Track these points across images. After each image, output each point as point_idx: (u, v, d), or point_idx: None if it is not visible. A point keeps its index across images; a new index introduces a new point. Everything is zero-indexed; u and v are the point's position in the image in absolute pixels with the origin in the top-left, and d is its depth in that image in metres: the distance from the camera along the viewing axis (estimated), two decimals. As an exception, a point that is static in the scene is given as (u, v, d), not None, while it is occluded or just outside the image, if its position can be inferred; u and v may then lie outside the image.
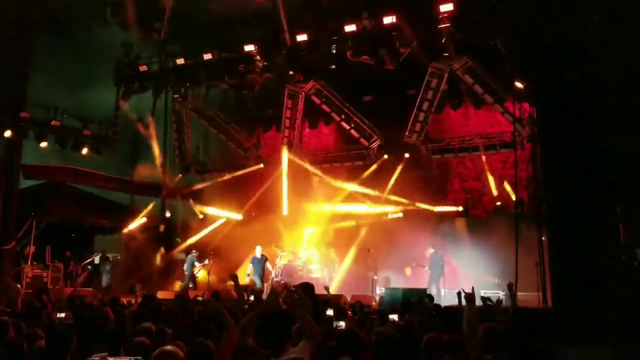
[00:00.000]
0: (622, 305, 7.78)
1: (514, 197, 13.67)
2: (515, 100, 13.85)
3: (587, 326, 7.78)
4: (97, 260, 17.95)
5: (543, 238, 12.20)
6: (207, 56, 15.99)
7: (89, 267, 17.62)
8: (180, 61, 16.59)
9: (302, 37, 14.73)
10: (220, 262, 16.00)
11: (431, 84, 14.75)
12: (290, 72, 15.90)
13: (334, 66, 15.32)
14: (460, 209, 15.14)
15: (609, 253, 9.65)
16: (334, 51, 14.65)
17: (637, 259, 9.79)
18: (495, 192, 15.26)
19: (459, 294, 6.22)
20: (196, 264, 16.20)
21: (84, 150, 16.63)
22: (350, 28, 14.02)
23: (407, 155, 15.95)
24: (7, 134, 13.91)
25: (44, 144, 15.37)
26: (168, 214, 18.54)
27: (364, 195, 16.25)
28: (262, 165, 17.88)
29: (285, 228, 16.90)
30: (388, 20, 13.57)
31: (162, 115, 18.87)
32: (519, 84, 12.65)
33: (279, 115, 17.44)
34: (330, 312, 7.06)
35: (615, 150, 9.92)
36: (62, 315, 7.36)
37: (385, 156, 16.39)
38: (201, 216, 18.24)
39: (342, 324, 5.63)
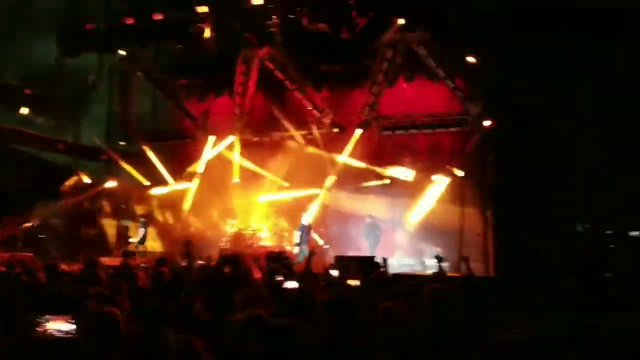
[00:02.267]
0: (559, 273, 8.11)
1: (462, 173, 13.95)
2: (467, 76, 14.06)
3: (527, 293, 8.07)
4: (36, 225, 17.28)
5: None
6: (158, 16, 15.37)
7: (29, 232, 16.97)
8: (129, 20, 15.90)
9: (257, 1, 14.36)
10: (168, 230, 15.76)
11: (386, 55, 14.71)
12: (245, 36, 15.49)
13: (289, 32, 15.05)
14: (410, 178, 15.25)
15: (550, 225, 10.05)
16: (291, 16, 14.38)
17: (575, 231, 10.24)
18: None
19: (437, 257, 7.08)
20: (140, 230, 15.84)
21: (24, 111, 15.84)
22: (307, -6, 13.79)
23: (359, 130, 15.86)
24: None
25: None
26: (114, 183, 17.94)
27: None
28: (210, 138, 17.38)
29: (236, 196, 16.72)
30: (345, -12, 13.42)
31: (108, 77, 18.16)
32: (471, 59, 12.80)
33: (231, 80, 17.01)
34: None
35: (561, 129, 10.26)
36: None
37: (336, 130, 16.32)
38: (147, 183, 17.78)
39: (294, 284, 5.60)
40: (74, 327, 2.72)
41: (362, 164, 15.64)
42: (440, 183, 14.63)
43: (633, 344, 3.61)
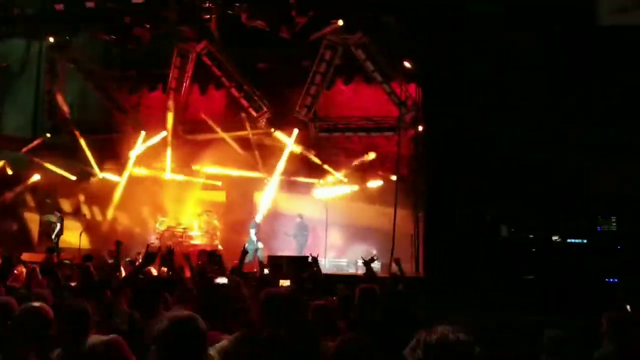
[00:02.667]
0: (487, 274, 8.43)
1: (394, 177, 14.22)
2: (403, 81, 14.37)
3: (455, 292, 8.34)
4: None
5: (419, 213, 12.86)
6: (90, 4, 14.76)
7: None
8: (59, 7, 15.18)
9: (195, -6, 14.12)
10: (96, 226, 15.24)
11: (325, 56, 14.81)
12: (181, 29, 15.16)
13: (227, 28, 14.86)
14: (345, 179, 15.41)
15: (478, 228, 10.42)
16: (230, 12, 14.19)
17: (500, 234, 10.66)
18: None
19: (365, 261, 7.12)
20: (54, 225, 15.19)
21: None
22: (246, -10, 13.66)
23: (296, 131, 15.82)
24: None
25: None
26: (38, 176, 17.10)
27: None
28: (142, 133, 16.83)
29: (168, 193, 16.34)
30: (285, -13, 13.39)
31: (36, 65, 17.33)
32: (407, 64, 13.09)
33: (166, 74, 16.59)
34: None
35: (490, 134, 10.67)
36: None
37: (273, 130, 16.26)
38: (74, 178, 17.08)
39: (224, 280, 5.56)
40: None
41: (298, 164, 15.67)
42: (374, 185, 14.90)
43: (533, 343, 3.79)
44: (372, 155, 15.27)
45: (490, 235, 10.79)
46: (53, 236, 15.09)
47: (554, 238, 10.02)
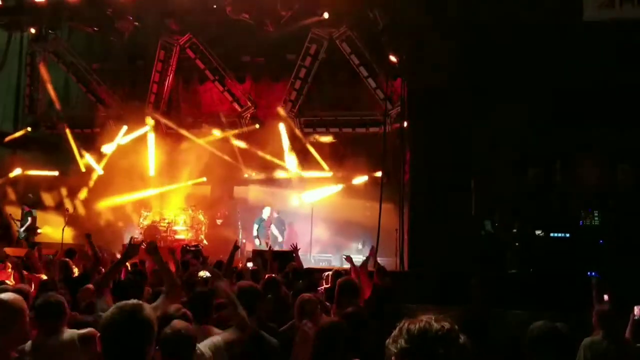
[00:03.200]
0: (472, 269, 8.46)
1: (379, 172, 14.21)
2: (388, 76, 14.33)
3: (438, 287, 8.38)
4: None
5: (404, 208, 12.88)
6: (72, -5, 14.54)
7: None
8: (40, -1, 14.92)
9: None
10: (79, 221, 15.12)
11: (310, 50, 14.75)
12: (165, 22, 14.99)
13: (212, 21, 14.74)
14: (329, 174, 15.38)
15: (462, 223, 10.46)
16: (214, 5, 14.07)
17: (484, 229, 10.72)
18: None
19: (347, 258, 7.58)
20: (28, 219, 14.95)
21: None
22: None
23: (281, 125, 15.68)
24: None
25: None
26: (19, 170, 16.85)
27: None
28: (125, 127, 16.62)
29: (153, 188, 16.20)
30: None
31: (17, 57, 17.08)
32: (393, 58, 13.07)
33: (149, 67, 16.40)
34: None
35: (473, 131, 10.71)
36: None
37: (257, 126, 16.15)
38: (56, 173, 16.87)
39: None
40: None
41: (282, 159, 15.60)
42: (358, 180, 14.91)
43: (514, 337, 3.85)
44: None
45: (475, 230, 10.85)
46: (22, 230, 14.84)
47: (537, 232, 10.09)
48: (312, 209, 14.81)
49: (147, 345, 2.13)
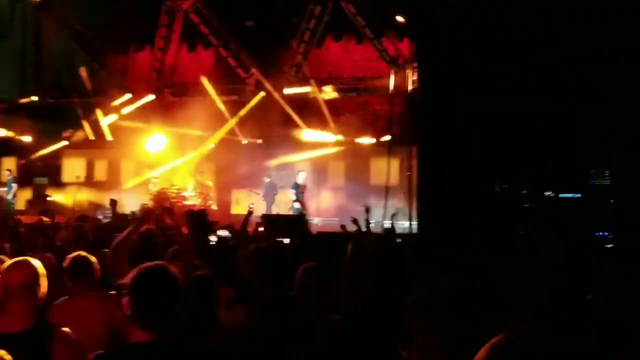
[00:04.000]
0: (480, 230, 8.48)
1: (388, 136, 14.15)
2: (394, 37, 14.14)
3: (445, 249, 8.42)
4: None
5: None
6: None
7: None
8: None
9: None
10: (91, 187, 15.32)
11: (314, 12, 14.53)
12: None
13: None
14: (338, 138, 15.33)
15: (470, 185, 10.43)
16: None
17: (494, 190, 10.70)
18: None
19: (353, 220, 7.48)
20: (13, 185, 15.07)
21: None
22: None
23: (286, 92, 15.50)
24: None
25: None
26: (29, 138, 16.96)
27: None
28: (129, 95, 16.60)
29: (159, 154, 16.27)
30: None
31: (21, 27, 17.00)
32: (399, 18, 12.87)
33: (153, 33, 16.23)
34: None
35: (484, 88, 10.58)
36: None
37: (262, 93, 16.02)
38: (65, 142, 16.99)
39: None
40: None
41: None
42: (366, 145, 14.87)
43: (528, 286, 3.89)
44: None
45: (483, 191, 10.81)
46: (10, 198, 14.90)
47: (547, 193, 10.07)
48: (317, 173, 14.85)
49: (175, 302, 2.21)
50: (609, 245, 6.05)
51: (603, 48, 9.67)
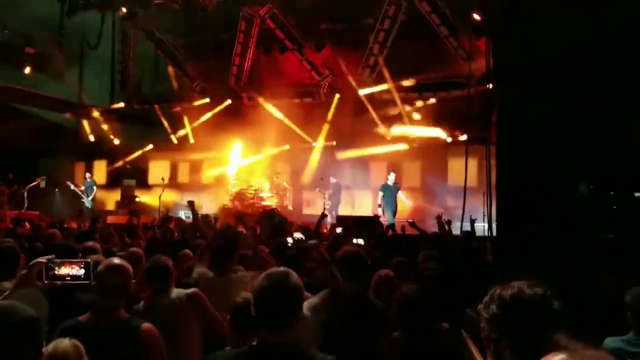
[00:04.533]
0: (564, 235, 8.12)
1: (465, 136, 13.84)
2: (471, 35, 13.76)
3: (530, 254, 8.12)
4: (42, 184, 17.35)
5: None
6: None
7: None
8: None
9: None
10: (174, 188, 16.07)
11: (388, 13, 14.43)
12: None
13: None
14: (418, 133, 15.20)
15: (552, 186, 10.01)
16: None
17: (579, 192, 10.21)
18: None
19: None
20: (94, 188, 15.86)
21: (27, 70, 15.75)
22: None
23: (361, 92, 15.47)
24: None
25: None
26: (117, 141, 18.02)
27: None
28: (207, 100, 17.36)
29: (237, 156, 16.82)
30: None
31: (110, 36, 18.00)
32: (476, 16, 12.55)
33: (231, 40, 16.73)
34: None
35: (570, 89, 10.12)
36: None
37: (338, 95, 16.10)
38: (150, 146, 17.89)
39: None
40: (83, 272, 2.79)
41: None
42: (444, 144, 14.64)
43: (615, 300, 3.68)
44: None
45: (568, 193, 10.32)
46: (89, 199, 15.58)
47: (637, 194, 9.48)
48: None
49: (297, 308, 2.30)
50: None
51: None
